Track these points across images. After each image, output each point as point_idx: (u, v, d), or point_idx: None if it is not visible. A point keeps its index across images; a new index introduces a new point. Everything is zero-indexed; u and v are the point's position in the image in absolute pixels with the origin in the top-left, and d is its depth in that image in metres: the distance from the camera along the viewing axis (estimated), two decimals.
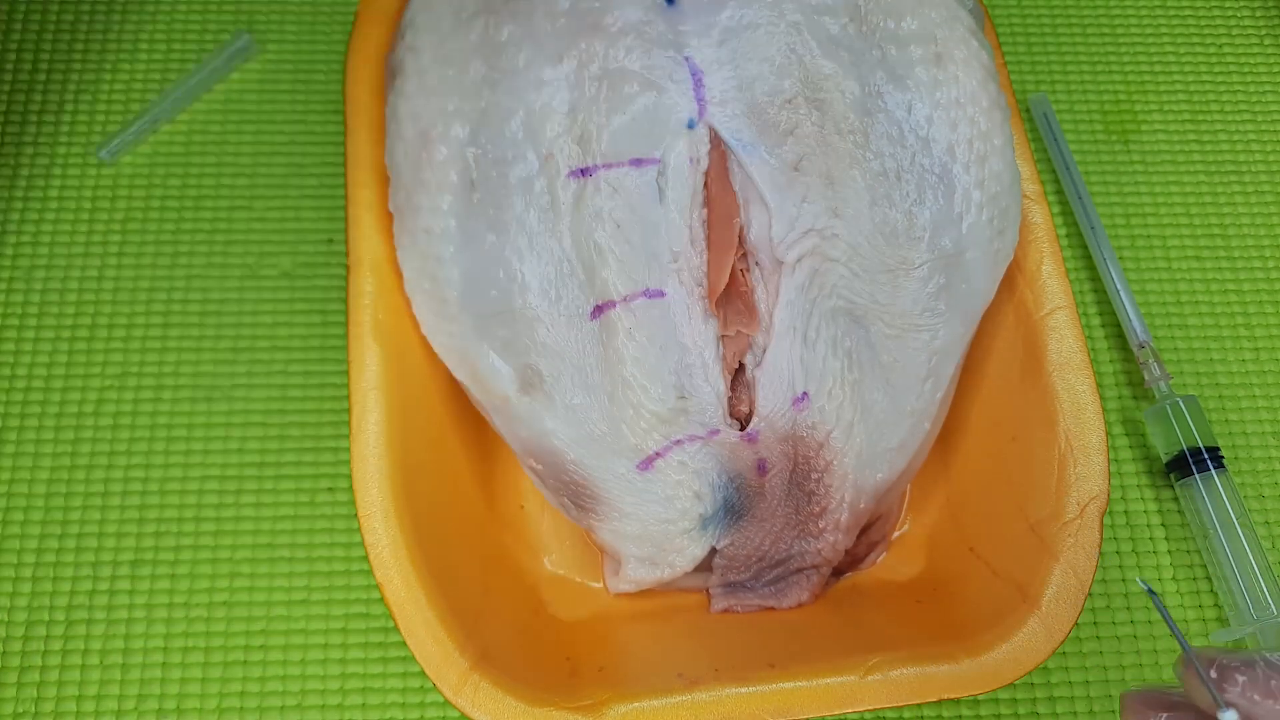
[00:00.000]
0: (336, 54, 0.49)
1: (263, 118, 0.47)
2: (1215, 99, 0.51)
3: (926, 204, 0.35)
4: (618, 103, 0.34)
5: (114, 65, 0.48)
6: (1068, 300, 0.37)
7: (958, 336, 0.37)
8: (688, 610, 0.38)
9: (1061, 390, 0.35)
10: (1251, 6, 0.53)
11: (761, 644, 0.35)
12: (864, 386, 0.36)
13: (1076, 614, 0.33)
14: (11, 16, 0.48)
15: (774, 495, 0.36)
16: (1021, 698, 0.40)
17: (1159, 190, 0.49)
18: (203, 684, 0.39)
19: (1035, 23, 0.52)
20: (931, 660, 0.33)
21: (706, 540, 0.37)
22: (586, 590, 0.39)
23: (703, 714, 0.32)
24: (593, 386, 0.35)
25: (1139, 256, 0.48)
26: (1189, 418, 0.42)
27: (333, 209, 0.46)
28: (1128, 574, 0.42)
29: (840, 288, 0.35)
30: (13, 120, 0.47)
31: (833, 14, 0.35)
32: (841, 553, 0.38)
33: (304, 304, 0.44)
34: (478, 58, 0.35)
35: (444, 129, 0.35)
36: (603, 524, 0.36)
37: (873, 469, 0.37)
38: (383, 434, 0.34)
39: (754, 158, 0.35)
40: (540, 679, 0.33)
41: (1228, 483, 0.42)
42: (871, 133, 0.35)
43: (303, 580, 0.40)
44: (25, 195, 0.45)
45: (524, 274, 0.34)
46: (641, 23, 0.35)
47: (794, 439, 0.36)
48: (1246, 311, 0.47)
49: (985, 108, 0.35)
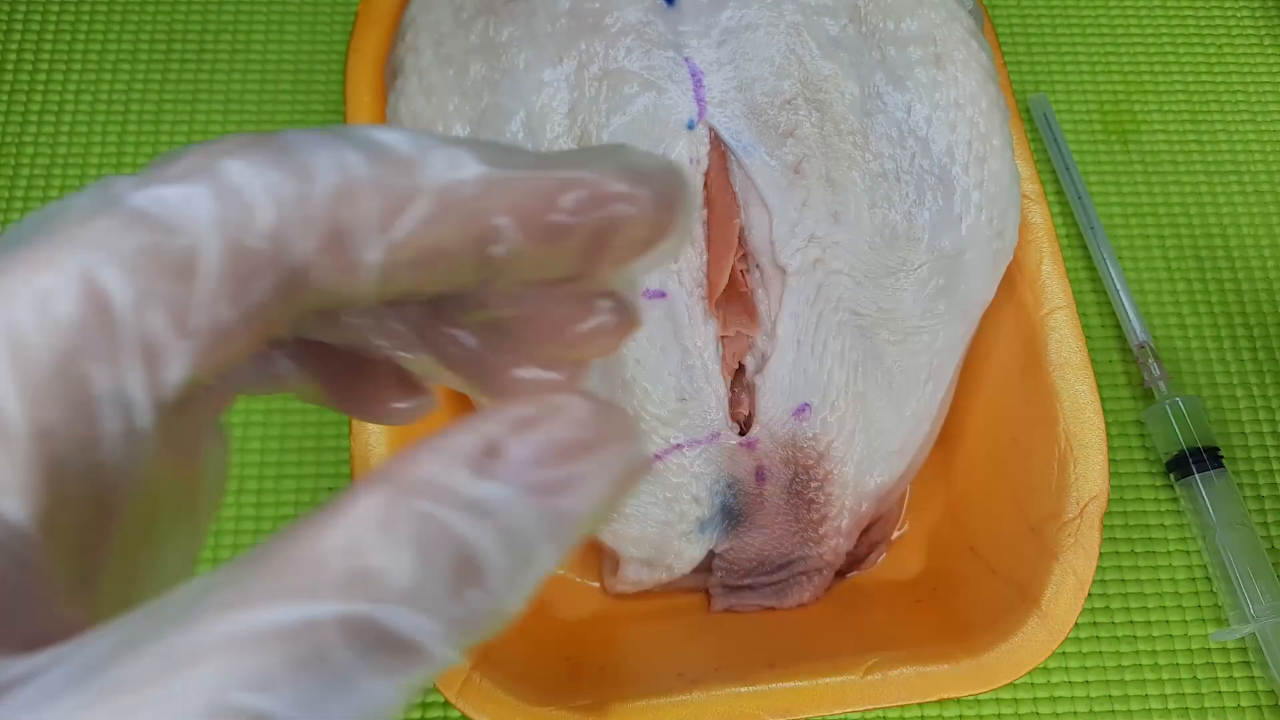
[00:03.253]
0: (336, 54, 0.49)
1: (263, 118, 0.47)
2: (1215, 99, 0.51)
3: (926, 205, 0.35)
4: (617, 103, 0.34)
5: (114, 65, 0.48)
6: (1067, 300, 0.37)
7: (957, 337, 0.37)
8: (688, 610, 0.38)
9: (1061, 390, 0.35)
10: (1251, 6, 0.53)
11: (761, 644, 0.35)
12: (867, 397, 0.36)
13: (1076, 614, 0.33)
14: (11, 16, 0.48)
15: (773, 502, 0.36)
16: (1022, 697, 0.40)
17: (1158, 190, 0.49)
18: None
19: (1035, 23, 0.52)
20: (931, 660, 0.33)
21: (704, 544, 0.37)
22: (586, 590, 0.39)
23: (703, 714, 0.32)
24: (592, 388, 0.35)
25: (1138, 256, 0.48)
26: (1189, 418, 0.42)
27: None
28: (1127, 574, 0.42)
29: (846, 300, 0.35)
30: (13, 120, 0.47)
31: (832, 15, 0.35)
32: (843, 556, 0.38)
33: None
34: (478, 58, 0.35)
35: (444, 129, 0.35)
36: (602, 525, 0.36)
37: (873, 473, 0.37)
38: (383, 434, 0.34)
39: (754, 159, 0.35)
40: (540, 679, 0.33)
41: (1227, 483, 0.42)
42: (871, 134, 0.35)
43: None
44: (25, 195, 0.45)
45: None
46: (641, 23, 0.35)
47: (793, 448, 0.36)
48: (1246, 311, 0.47)
49: (984, 109, 0.35)
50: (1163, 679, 0.41)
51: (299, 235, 0.13)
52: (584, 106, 0.34)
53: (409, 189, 0.14)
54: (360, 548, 0.12)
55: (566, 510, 0.13)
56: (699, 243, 0.35)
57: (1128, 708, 0.40)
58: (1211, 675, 0.41)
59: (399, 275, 0.14)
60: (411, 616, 0.12)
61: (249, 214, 0.13)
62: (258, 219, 0.13)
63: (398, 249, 0.14)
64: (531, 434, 0.14)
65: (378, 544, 0.12)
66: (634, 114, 0.34)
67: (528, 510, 0.13)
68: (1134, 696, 0.40)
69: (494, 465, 0.13)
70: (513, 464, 0.13)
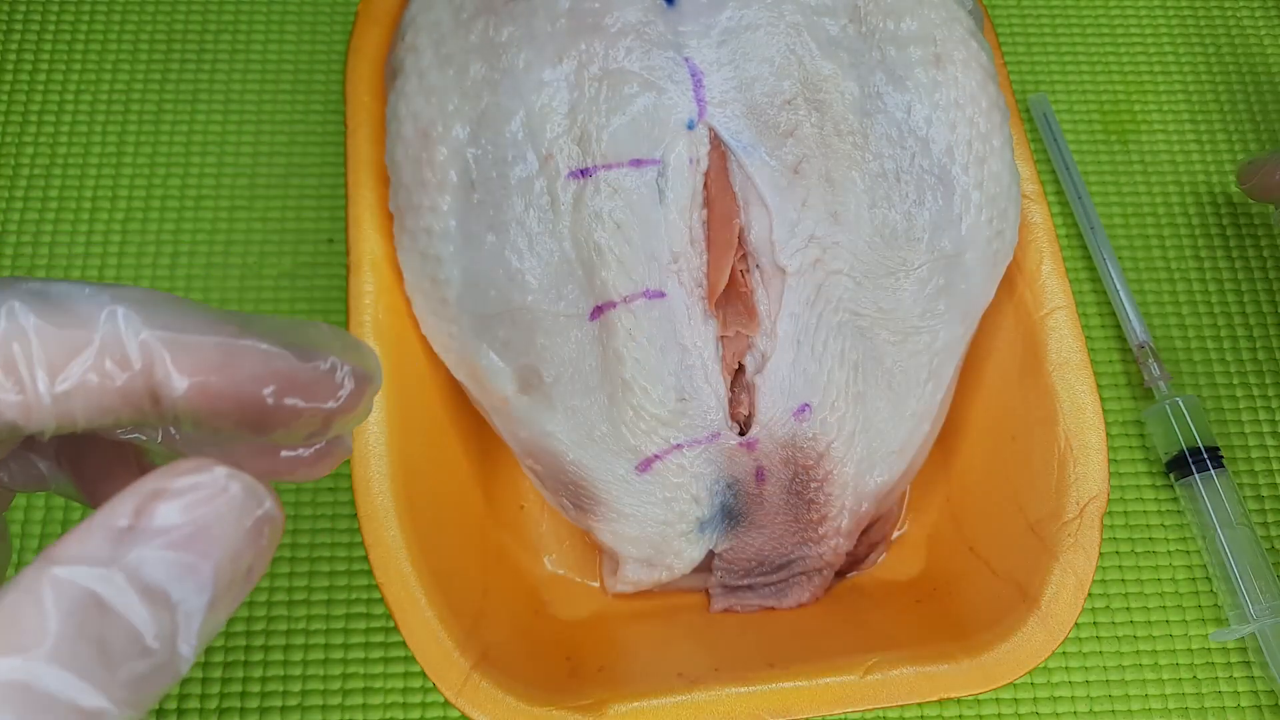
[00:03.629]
0: (336, 54, 0.49)
1: (262, 117, 0.47)
2: (1214, 99, 0.51)
3: (926, 205, 0.35)
4: (617, 103, 0.34)
5: (114, 65, 0.48)
6: (1067, 300, 0.37)
7: (957, 337, 0.37)
8: (688, 610, 0.39)
9: (1061, 390, 0.35)
10: (1251, 6, 0.53)
11: (761, 644, 0.35)
12: (867, 398, 0.36)
13: (1076, 614, 0.33)
14: (11, 16, 0.48)
15: (772, 503, 0.36)
16: (1022, 697, 0.40)
17: (1158, 190, 0.49)
18: (203, 684, 0.39)
19: (1035, 23, 0.52)
20: (931, 660, 0.33)
21: (704, 544, 0.37)
22: (586, 590, 0.39)
23: (703, 714, 0.32)
24: (592, 388, 0.35)
25: (1138, 256, 0.48)
26: (1189, 417, 0.42)
27: (333, 209, 0.46)
28: (1127, 574, 0.42)
29: (846, 301, 0.35)
30: (12, 120, 0.47)
31: (832, 15, 0.35)
32: (843, 556, 0.38)
33: (304, 304, 0.44)
34: (478, 58, 0.35)
35: (444, 129, 0.35)
36: (602, 525, 0.36)
37: (873, 473, 0.37)
38: (383, 434, 0.34)
39: (754, 159, 0.35)
40: (540, 679, 0.33)
41: (1227, 483, 0.42)
42: (871, 134, 0.35)
43: (303, 580, 0.40)
44: (25, 195, 0.45)
45: (524, 274, 0.34)
46: (641, 23, 0.35)
47: (793, 448, 0.36)
48: (1246, 312, 0.47)
49: (984, 109, 0.35)
50: (1163, 679, 0.41)
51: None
52: (584, 106, 0.34)
53: (74, 342, 0.16)
54: (12, 615, 0.13)
55: (200, 561, 0.15)
56: (699, 243, 0.35)
57: (1128, 707, 0.40)
58: (1211, 675, 0.41)
59: (72, 417, 0.16)
60: (61, 674, 0.13)
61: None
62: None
63: (65, 397, 0.16)
64: (167, 501, 0.15)
65: (26, 610, 0.13)
66: (634, 114, 0.34)
67: (164, 565, 0.15)
68: (1134, 696, 0.40)
69: (132, 532, 0.15)
70: (149, 529, 0.15)
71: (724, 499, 0.36)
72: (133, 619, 0.14)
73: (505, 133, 0.35)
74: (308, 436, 0.18)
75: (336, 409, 0.18)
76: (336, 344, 0.18)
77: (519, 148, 0.35)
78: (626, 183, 0.34)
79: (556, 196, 0.34)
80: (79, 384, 0.16)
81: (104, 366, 0.16)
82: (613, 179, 0.34)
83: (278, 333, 0.18)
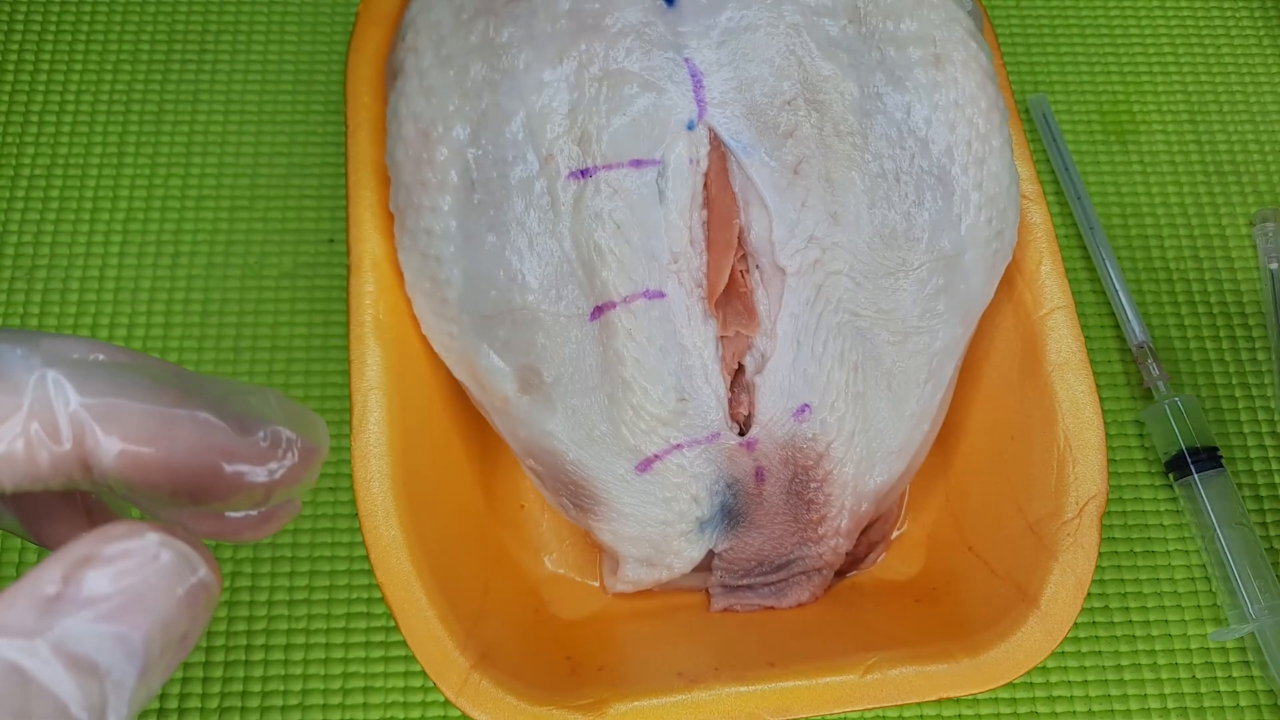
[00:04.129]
0: (337, 54, 0.49)
1: (263, 118, 0.47)
2: (1214, 99, 0.51)
3: (925, 206, 0.35)
4: (617, 104, 0.34)
5: (114, 65, 0.48)
6: (1066, 300, 0.37)
7: (957, 337, 0.37)
8: (688, 610, 0.39)
9: (1060, 390, 0.35)
10: (1250, 7, 0.53)
11: (761, 643, 0.35)
12: (867, 398, 0.36)
13: (1075, 614, 0.33)
14: (12, 16, 0.48)
15: (772, 503, 0.37)
16: (1021, 697, 0.40)
17: (1157, 190, 0.49)
18: (203, 684, 0.39)
19: (1034, 23, 0.52)
20: (931, 660, 0.33)
21: (704, 544, 0.37)
22: (586, 590, 0.39)
23: (703, 713, 0.32)
24: (592, 388, 0.35)
25: (1137, 256, 0.48)
26: (1188, 417, 0.42)
27: (333, 209, 0.46)
28: (1126, 574, 0.42)
29: (845, 301, 0.35)
30: (13, 120, 0.47)
31: (832, 16, 0.35)
32: (843, 556, 0.38)
33: (305, 304, 0.44)
34: (478, 59, 0.35)
35: (445, 129, 0.35)
36: (602, 525, 0.36)
37: (873, 473, 0.37)
38: (383, 434, 0.34)
39: (754, 159, 0.35)
40: (540, 678, 0.33)
41: (1226, 482, 0.42)
42: (870, 134, 0.35)
43: (303, 580, 0.40)
44: (26, 195, 0.45)
45: (524, 274, 0.34)
46: (641, 24, 0.35)
47: (793, 448, 0.36)
48: (1246, 312, 0.47)
49: (984, 109, 0.36)
50: (1162, 679, 0.41)
51: None
52: (584, 107, 0.34)
53: (1, 409, 0.16)
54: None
55: (131, 632, 0.15)
56: (699, 243, 0.35)
57: (1127, 707, 0.40)
58: (1211, 675, 0.41)
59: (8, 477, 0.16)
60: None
61: None
62: None
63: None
64: (96, 568, 0.15)
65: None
66: (634, 114, 0.34)
67: (92, 636, 0.14)
68: (1133, 696, 0.40)
69: (59, 600, 0.14)
70: (77, 599, 0.15)
71: (724, 499, 0.36)
72: (58, 690, 0.14)
73: (505, 133, 0.35)
74: (250, 505, 0.18)
75: (275, 483, 0.18)
76: (281, 413, 0.18)
77: (519, 148, 0.35)
78: (627, 183, 0.34)
79: (557, 197, 0.34)
80: (4, 453, 0.15)
81: (31, 434, 0.16)
82: (613, 179, 0.34)
83: (220, 401, 0.17)
